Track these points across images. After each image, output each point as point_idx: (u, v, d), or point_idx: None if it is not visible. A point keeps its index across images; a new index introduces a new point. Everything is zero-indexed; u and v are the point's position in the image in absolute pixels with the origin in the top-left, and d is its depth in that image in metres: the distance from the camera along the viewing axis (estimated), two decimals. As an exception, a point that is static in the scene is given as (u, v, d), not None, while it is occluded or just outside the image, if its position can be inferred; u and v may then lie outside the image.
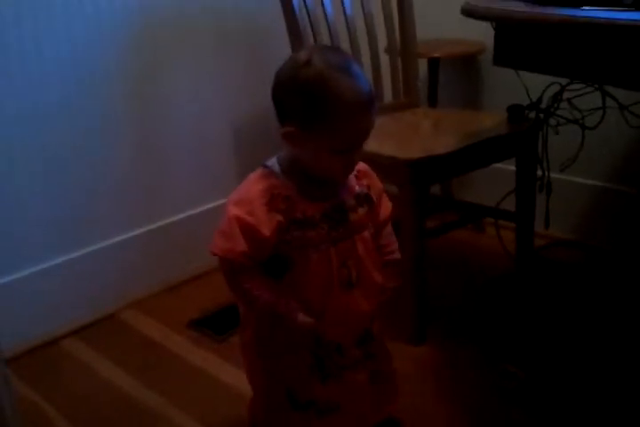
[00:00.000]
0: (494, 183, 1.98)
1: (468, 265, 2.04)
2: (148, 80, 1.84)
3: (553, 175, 1.90)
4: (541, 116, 1.80)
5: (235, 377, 1.53)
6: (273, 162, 1.11)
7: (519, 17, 1.15)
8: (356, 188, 1.15)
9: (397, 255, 1.24)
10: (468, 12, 1.27)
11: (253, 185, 1.09)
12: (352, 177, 1.15)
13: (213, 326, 1.76)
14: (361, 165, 1.17)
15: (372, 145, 1.15)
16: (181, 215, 1.98)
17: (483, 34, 1.58)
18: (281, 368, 1.17)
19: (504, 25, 1.21)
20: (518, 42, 1.20)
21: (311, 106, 1.02)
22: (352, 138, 1.04)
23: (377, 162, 1.54)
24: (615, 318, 1.70)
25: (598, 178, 2.04)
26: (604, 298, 1.80)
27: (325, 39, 1.76)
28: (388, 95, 1.92)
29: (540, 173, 1.85)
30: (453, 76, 2.21)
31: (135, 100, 1.82)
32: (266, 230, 1.05)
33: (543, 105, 1.80)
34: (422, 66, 2.04)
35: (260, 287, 1.09)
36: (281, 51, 1.75)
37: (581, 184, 2.06)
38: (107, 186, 1.80)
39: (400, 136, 1.74)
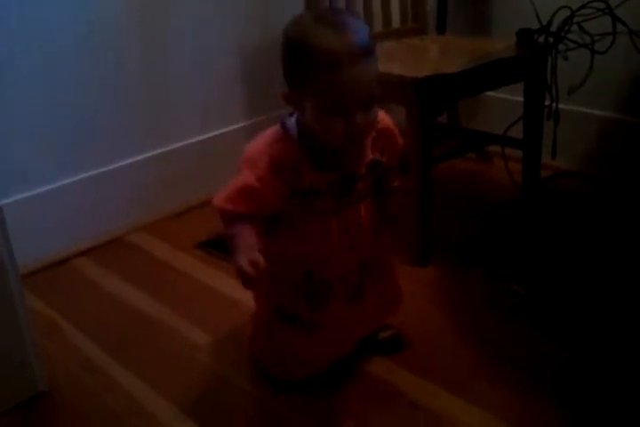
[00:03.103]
0: (502, 114, 1.95)
1: (473, 192, 2.06)
2: (157, 5, 1.82)
3: (560, 106, 1.88)
4: (550, 40, 1.78)
5: (241, 293, 1.53)
6: (292, 124, 1.09)
7: None
8: (370, 156, 1.13)
9: (396, 183, 1.24)
10: None
11: (266, 147, 1.07)
12: (368, 141, 1.11)
13: (221, 247, 1.78)
14: (384, 122, 1.14)
15: (379, 65, 1.14)
16: (190, 141, 1.98)
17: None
18: (272, 290, 1.22)
19: None
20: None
21: (294, 63, 1.01)
22: (342, 93, 0.97)
23: (385, 81, 1.53)
24: (618, 244, 1.72)
25: (606, 108, 2.04)
26: (608, 227, 1.81)
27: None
28: (395, 20, 1.90)
29: (547, 102, 1.85)
30: (462, 3, 2.18)
31: (142, 23, 1.81)
32: (270, 198, 1.06)
33: (552, 30, 1.78)
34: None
35: (240, 224, 1.07)
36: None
37: (588, 114, 2.06)
38: (115, 108, 1.80)
39: (408, 58, 1.74)
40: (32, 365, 1.28)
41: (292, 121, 1.10)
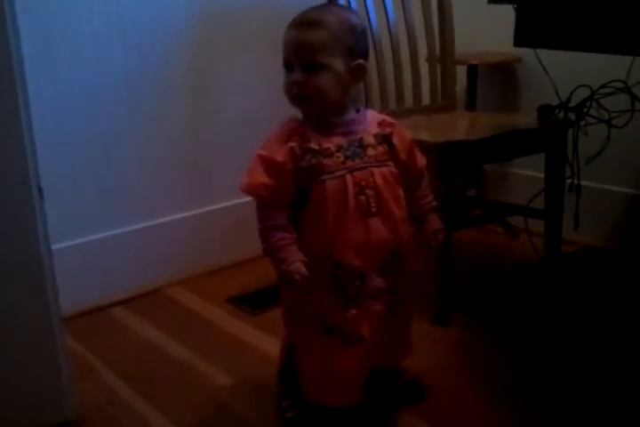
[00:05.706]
0: (528, 190, 2.02)
1: (496, 259, 2.14)
2: (204, 72, 2.01)
3: (583, 182, 1.96)
4: (570, 115, 1.89)
5: (267, 343, 1.64)
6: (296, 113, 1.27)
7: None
8: (376, 129, 1.26)
9: (435, 203, 1.37)
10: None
11: (276, 129, 1.24)
12: (374, 123, 1.26)
13: (250, 302, 1.88)
14: (388, 118, 1.30)
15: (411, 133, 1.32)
16: (228, 203, 2.10)
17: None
18: (309, 295, 1.25)
19: (527, 5, 1.32)
20: (541, 20, 1.30)
21: None
22: (287, 51, 1.19)
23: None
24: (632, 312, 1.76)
25: (625, 184, 2.11)
26: (623, 297, 1.85)
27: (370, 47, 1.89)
28: (426, 98, 2.03)
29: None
30: (490, 83, 2.32)
31: (190, 89, 1.99)
32: (279, 157, 1.19)
33: (572, 105, 1.90)
34: (461, 74, 2.16)
35: (274, 229, 1.20)
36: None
37: (609, 190, 2.14)
38: (163, 167, 1.96)
39: (434, 128, 1.86)
40: (64, 395, 1.37)
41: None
